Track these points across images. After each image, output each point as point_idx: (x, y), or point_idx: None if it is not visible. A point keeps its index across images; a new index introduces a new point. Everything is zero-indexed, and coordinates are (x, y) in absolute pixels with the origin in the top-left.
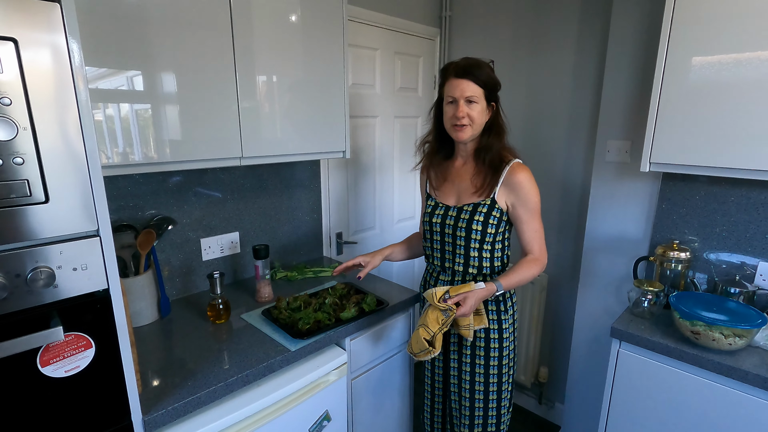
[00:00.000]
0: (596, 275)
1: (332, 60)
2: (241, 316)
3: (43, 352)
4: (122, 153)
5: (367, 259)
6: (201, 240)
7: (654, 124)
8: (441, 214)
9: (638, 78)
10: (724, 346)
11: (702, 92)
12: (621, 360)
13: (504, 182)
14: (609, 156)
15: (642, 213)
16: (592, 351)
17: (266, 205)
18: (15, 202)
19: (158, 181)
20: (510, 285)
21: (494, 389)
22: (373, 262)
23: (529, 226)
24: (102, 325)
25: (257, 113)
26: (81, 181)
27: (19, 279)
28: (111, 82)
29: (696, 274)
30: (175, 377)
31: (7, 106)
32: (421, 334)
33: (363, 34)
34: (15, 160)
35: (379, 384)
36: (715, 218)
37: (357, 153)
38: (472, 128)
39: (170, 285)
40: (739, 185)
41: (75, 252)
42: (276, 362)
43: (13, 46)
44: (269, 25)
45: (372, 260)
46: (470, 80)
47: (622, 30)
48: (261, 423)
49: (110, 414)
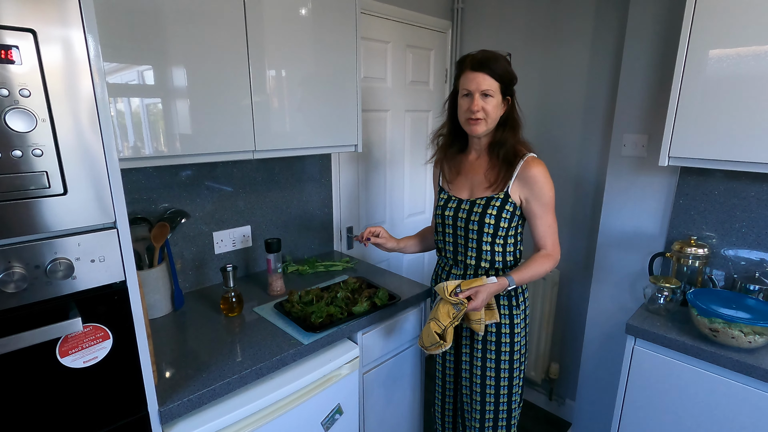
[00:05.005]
0: (610, 271)
1: (345, 53)
2: (254, 310)
3: (62, 342)
4: (135, 146)
5: (385, 235)
6: (213, 233)
7: (674, 118)
8: (454, 207)
9: (656, 71)
10: (744, 344)
11: (724, 85)
12: (636, 357)
13: (518, 176)
14: (625, 150)
15: (658, 208)
16: (604, 348)
17: (278, 199)
18: (34, 193)
19: (171, 175)
20: (522, 280)
21: (505, 384)
22: (386, 242)
23: (543, 220)
24: (119, 316)
25: (270, 107)
26: (98, 174)
27: (38, 270)
28: (125, 77)
29: (713, 270)
30: (189, 369)
31: (26, 97)
32: (432, 327)
33: (374, 27)
34: (34, 151)
35: (390, 378)
36: (735, 214)
37: (368, 147)
38: (487, 123)
39: (183, 278)
40: (760, 180)
41: (93, 244)
42: (289, 355)
43: (32, 38)
44: (283, 18)
45: (386, 240)
46: (486, 73)
47: (640, 22)
48: (274, 416)
49: (127, 404)
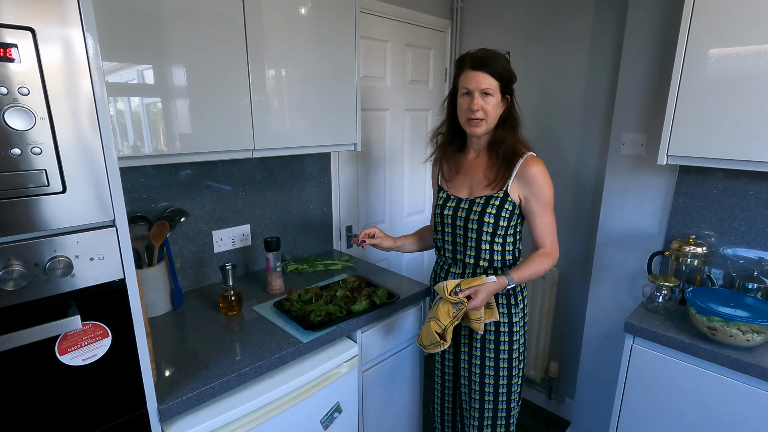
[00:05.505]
0: (609, 270)
1: (344, 52)
2: (253, 308)
3: (62, 340)
4: (135, 145)
5: (381, 235)
6: (213, 232)
7: (673, 116)
8: (453, 206)
9: (655, 69)
10: (742, 343)
11: (722, 84)
12: (634, 356)
13: (517, 175)
14: (624, 149)
15: (657, 207)
16: (603, 346)
17: (277, 197)
18: (33, 191)
19: (171, 173)
20: (521, 279)
21: (504, 383)
22: (383, 242)
23: (542, 219)
24: (118, 314)
25: (269, 106)
26: (97, 172)
27: (37, 268)
28: (124, 76)
29: (712, 269)
30: (188, 367)
31: (25, 96)
32: (432, 326)
33: (374, 25)
34: (33, 149)
35: (389, 376)
36: (734, 212)
37: (367, 146)
38: (487, 122)
39: (183, 276)
40: (758, 179)
41: (92, 242)
42: (288, 354)
43: (30, 36)
44: (282, 18)
45: (383, 239)
46: (486, 72)
47: (639, 20)
48: (273, 414)
49: (126, 402)
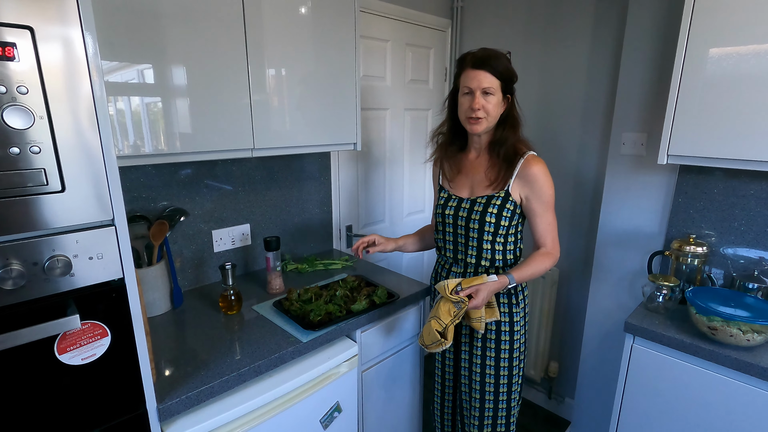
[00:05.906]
0: (609, 270)
1: (344, 51)
2: (253, 308)
3: (61, 339)
4: (135, 145)
5: (381, 240)
6: (212, 232)
7: (673, 116)
8: (454, 206)
9: (655, 69)
10: (742, 342)
11: (723, 83)
12: (635, 355)
13: (518, 175)
14: (624, 149)
15: (657, 207)
16: (603, 346)
17: (277, 197)
18: (32, 190)
19: (171, 173)
20: (522, 278)
21: (504, 382)
22: (385, 246)
23: (543, 219)
24: (117, 314)
25: (269, 105)
26: (97, 171)
27: (36, 267)
28: (124, 75)
29: (712, 269)
30: (188, 367)
31: (24, 94)
32: (432, 326)
33: (374, 25)
34: (32, 148)
35: (389, 376)
36: (734, 212)
37: (367, 146)
38: (488, 121)
39: (182, 276)
40: (759, 178)
41: (91, 241)
42: (288, 353)
43: (29, 35)
44: (282, 17)
45: (385, 243)
46: (487, 71)
47: (640, 19)
48: (273, 413)
49: (125, 402)
